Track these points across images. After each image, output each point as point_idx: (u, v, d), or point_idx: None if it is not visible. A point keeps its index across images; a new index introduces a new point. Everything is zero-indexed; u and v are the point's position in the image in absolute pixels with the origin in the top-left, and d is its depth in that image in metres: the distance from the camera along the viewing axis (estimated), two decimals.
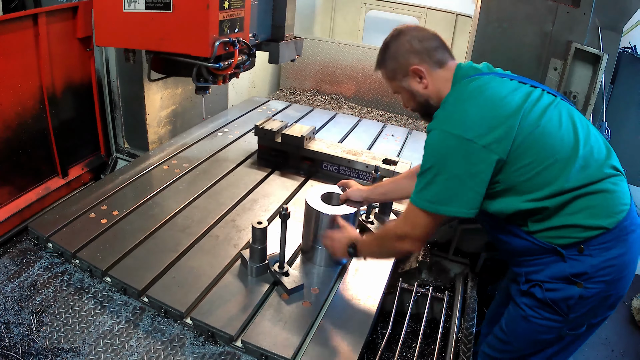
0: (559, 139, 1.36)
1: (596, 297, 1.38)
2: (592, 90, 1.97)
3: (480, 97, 1.38)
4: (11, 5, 3.25)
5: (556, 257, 1.39)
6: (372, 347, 2.13)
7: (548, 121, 1.37)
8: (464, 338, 2.00)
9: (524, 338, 1.51)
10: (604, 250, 1.35)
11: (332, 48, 4.83)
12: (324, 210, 1.93)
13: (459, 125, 1.33)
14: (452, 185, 1.35)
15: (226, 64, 2.16)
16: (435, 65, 1.50)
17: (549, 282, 1.41)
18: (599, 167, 1.38)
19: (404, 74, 1.54)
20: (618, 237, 1.36)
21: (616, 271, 1.37)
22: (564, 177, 1.34)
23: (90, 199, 2.38)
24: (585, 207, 1.35)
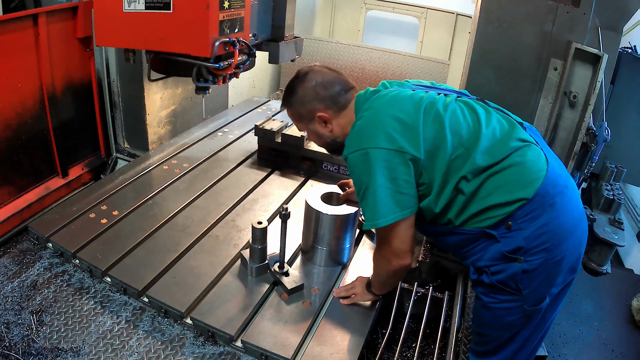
0: (465, 128, 1.43)
1: (543, 266, 1.39)
2: (592, 90, 1.97)
3: (380, 112, 1.47)
4: (11, 5, 3.25)
5: (490, 240, 1.42)
6: (372, 347, 2.13)
7: (452, 115, 1.45)
8: (463, 338, 2.00)
9: (493, 325, 1.53)
10: (532, 220, 1.36)
11: (332, 48, 4.83)
12: (324, 210, 1.93)
13: (368, 141, 1.43)
14: (382, 195, 1.41)
15: (226, 64, 2.16)
16: (340, 109, 1.62)
17: (492, 264, 1.43)
18: (503, 144, 1.41)
19: (310, 118, 1.65)
20: (543, 204, 1.36)
21: (553, 236, 1.37)
22: (470, 163, 1.39)
23: (90, 199, 2.38)
24: (497, 186, 1.38)
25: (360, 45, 4.84)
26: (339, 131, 1.64)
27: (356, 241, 2.21)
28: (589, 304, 2.79)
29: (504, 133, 1.43)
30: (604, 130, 2.12)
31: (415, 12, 5.07)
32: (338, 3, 5.48)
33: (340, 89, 1.62)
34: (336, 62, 4.85)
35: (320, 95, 1.60)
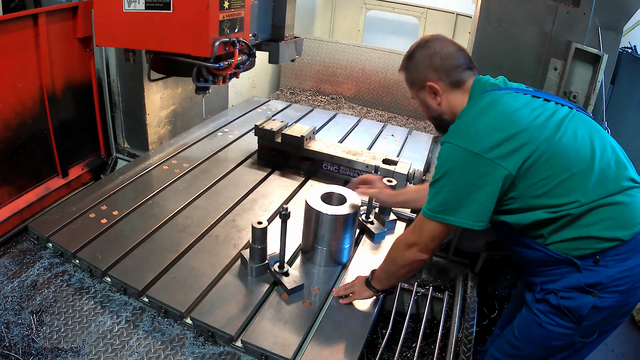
0: (574, 152, 1.36)
1: (611, 307, 1.38)
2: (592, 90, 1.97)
3: (490, 112, 1.40)
4: (11, 5, 3.25)
5: (571, 268, 1.39)
6: (372, 347, 2.13)
7: (563, 135, 1.37)
8: (464, 338, 2.00)
9: (536, 344, 1.51)
10: (620, 262, 1.35)
11: (332, 48, 4.83)
12: (324, 210, 1.93)
13: (467, 139, 1.37)
14: (457, 196, 1.38)
15: (226, 64, 2.16)
16: (452, 85, 1.53)
17: (565, 291, 1.41)
18: (616, 180, 1.37)
19: (420, 86, 1.58)
20: (634, 249, 1.35)
21: (632, 281, 1.36)
22: (580, 190, 1.34)
23: (90, 199, 2.38)
24: (601, 219, 1.35)
25: (360, 45, 4.84)
26: (447, 108, 1.56)
27: (356, 241, 2.21)
28: None
29: (619, 169, 1.40)
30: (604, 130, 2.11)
31: (415, 12, 5.07)
32: (338, 3, 5.48)
33: (458, 65, 1.53)
34: (336, 62, 4.85)
35: (435, 65, 1.53)
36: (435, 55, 1.53)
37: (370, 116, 4.59)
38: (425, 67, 1.54)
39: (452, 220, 1.40)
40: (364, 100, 4.87)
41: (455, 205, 1.39)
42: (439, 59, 1.52)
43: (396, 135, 3.55)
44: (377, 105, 4.84)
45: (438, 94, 1.55)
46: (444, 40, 1.56)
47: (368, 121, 3.90)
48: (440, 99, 1.55)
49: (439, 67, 1.53)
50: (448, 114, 1.57)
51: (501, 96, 1.44)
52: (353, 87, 4.89)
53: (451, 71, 1.52)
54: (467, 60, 1.55)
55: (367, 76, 4.78)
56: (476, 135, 1.36)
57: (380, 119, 4.57)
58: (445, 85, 1.53)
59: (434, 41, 1.56)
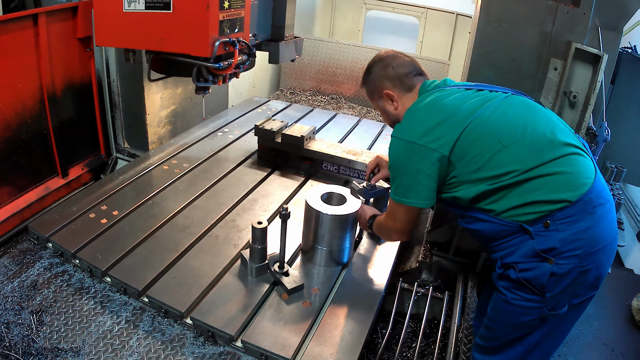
0: (504, 127, 1.49)
1: (571, 273, 1.40)
2: (592, 90, 1.97)
3: (423, 105, 1.60)
4: (11, 5, 3.25)
5: (525, 236, 1.43)
6: (372, 347, 2.13)
7: (491, 114, 1.51)
8: (464, 338, 2.00)
9: (507, 321, 1.54)
10: (571, 224, 1.38)
11: (332, 48, 4.83)
12: (324, 210, 1.93)
13: (403, 131, 1.57)
14: (405, 181, 1.57)
15: (226, 64, 2.16)
16: (406, 90, 1.73)
17: (522, 262, 1.45)
18: (552, 147, 1.44)
19: (379, 95, 1.78)
20: (584, 210, 1.39)
21: (587, 245, 1.39)
22: (514, 159, 1.44)
23: (90, 199, 2.38)
24: (543, 184, 1.41)
25: (360, 45, 4.84)
26: (402, 110, 1.72)
27: (356, 241, 2.21)
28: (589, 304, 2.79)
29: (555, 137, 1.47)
30: (604, 130, 2.12)
31: (415, 12, 5.07)
32: (338, 3, 5.48)
33: (409, 72, 1.73)
34: (336, 62, 4.85)
35: (389, 75, 1.73)
36: (389, 67, 1.74)
37: (370, 116, 4.59)
38: (381, 77, 1.75)
39: (408, 202, 1.59)
40: (364, 100, 4.87)
41: (406, 188, 1.58)
42: (392, 68, 1.74)
43: None
44: None
45: (394, 99, 1.74)
46: (396, 54, 1.78)
47: (368, 121, 3.90)
48: (397, 104, 1.74)
49: (392, 76, 1.73)
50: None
51: (434, 93, 1.64)
52: (353, 87, 4.89)
53: (403, 78, 1.73)
54: (416, 68, 1.76)
55: None
56: (409, 126, 1.57)
57: (380, 119, 4.57)
58: (399, 91, 1.74)
59: (387, 56, 1.77)
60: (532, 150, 1.44)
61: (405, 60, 1.76)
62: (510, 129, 1.49)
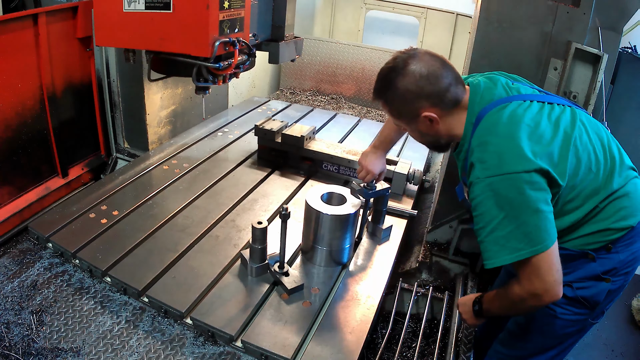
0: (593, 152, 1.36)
1: (621, 288, 1.45)
2: (592, 90, 1.97)
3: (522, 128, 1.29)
4: (11, 5, 3.25)
5: (586, 260, 1.42)
6: (372, 347, 2.13)
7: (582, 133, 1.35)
8: (464, 338, 2.00)
9: (551, 334, 1.53)
10: (629, 245, 1.40)
11: (332, 48, 4.83)
12: (324, 210, 1.93)
13: (517, 162, 1.23)
14: (535, 220, 1.23)
15: (226, 64, 2.16)
16: (449, 106, 1.38)
17: (580, 281, 1.43)
18: (621, 171, 1.40)
19: (412, 116, 1.41)
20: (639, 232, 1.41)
21: (635, 262, 1.43)
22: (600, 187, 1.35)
23: (90, 199, 2.38)
24: (615, 211, 1.37)
25: (360, 45, 4.83)
26: (445, 131, 1.42)
27: (356, 241, 2.21)
28: None
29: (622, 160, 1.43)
30: None
31: (415, 12, 5.07)
32: (338, 3, 5.47)
33: (449, 83, 1.35)
34: (336, 62, 4.85)
35: (426, 92, 1.34)
36: (423, 80, 1.34)
37: (370, 116, 4.58)
38: (415, 96, 1.36)
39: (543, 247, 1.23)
40: (364, 100, 4.87)
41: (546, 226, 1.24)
42: (428, 83, 1.34)
43: None
44: (377, 105, 4.79)
45: (435, 121, 1.38)
46: (423, 58, 1.36)
47: (368, 121, 3.90)
48: (438, 125, 1.40)
49: (430, 93, 1.35)
50: (445, 137, 1.46)
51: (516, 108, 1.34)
52: (353, 87, 4.89)
53: (444, 93, 1.36)
54: (454, 73, 1.39)
55: (367, 76, 4.78)
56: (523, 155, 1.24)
57: (380, 119, 4.56)
58: (440, 109, 1.37)
59: (414, 62, 1.35)
60: (610, 176, 1.36)
61: (439, 65, 1.35)
62: (597, 153, 1.36)
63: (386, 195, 2.18)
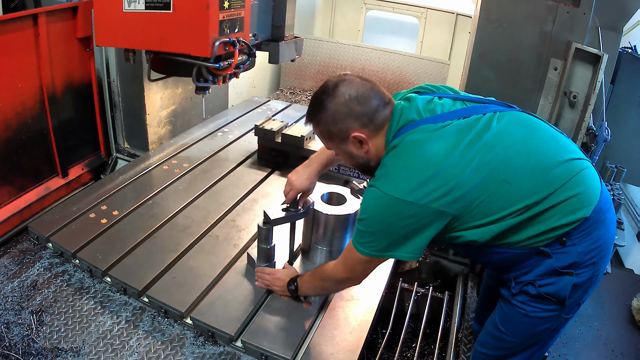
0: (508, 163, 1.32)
1: (589, 280, 1.41)
2: (592, 90, 1.97)
3: (407, 152, 1.33)
4: (11, 5, 3.25)
5: (541, 257, 1.39)
6: (372, 347, 2.13)
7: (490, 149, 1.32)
8: (464, 338, 2.00)
9: (525, 333, 1.51)
10: (586, 236, 1.36)
11: (332, 48, 4.83)
12: (324, 210, 1.93)
13: (391, 187, 1.30)
14: (387, 241, 1.34)
15: (226, 64, 2.16)
16: (377, 127, 1.41)
17: (541, 279, 1.41)
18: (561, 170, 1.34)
19: (342, 138, 1.43)
20: (596, 220, 1.36)
21: (601, 251, 1.39)
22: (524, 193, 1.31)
23: (90, 199, 2.38)
24: (559, 210, 1.33)
25: (360, 45, 4.84)
26: (374, 152, 1.44)
27: None
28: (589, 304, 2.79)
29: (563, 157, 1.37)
30: (604, 130, 2.12)
31: (415, 12, 5.07)
32: (338, 3, 5.48)
33: (378, 104, 1.39)
34: (336, 62, 4.85)
35: (355, 112, 1.38)
36: (353, 101, 1.37)
37: None
38: (344, 116, 1.38)
39: (389, 255, 1.37)
40: None
41: (392, 245, 1.34)
42: (358, 104, 1.37)
43: None
44: None
45: (364, 142, 1.41)
46: (354, 81, 1.41)
47: None
48: (367, 146, 1.42)
49: (359, 114, 1.38)
50: (375, 159, 1.46)
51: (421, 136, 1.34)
52: None
53: (373, 114, 1.39)
54: (383, 97, 1.42)
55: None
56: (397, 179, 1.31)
57: None
58: (369, 131, 1.40)
59: (344, 85, 1.39)
60: (541, 179, 1.32)
61: (369, 87, 1.40)
62: (515, 162, 1.32)
63: None
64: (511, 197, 1.31)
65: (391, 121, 1.41)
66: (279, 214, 1.82)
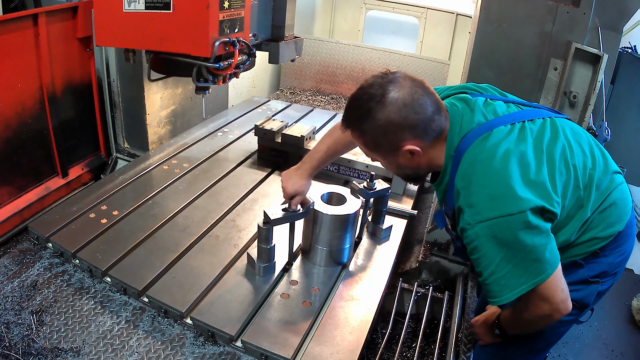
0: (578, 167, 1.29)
1: (610, 287, 1.46)
2: (592, 90, 1.97)
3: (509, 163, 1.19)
4: (11, 5, 3.25)
5: (575, 267, 1.41)
6: (372, 347, 2.13)
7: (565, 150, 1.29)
8: (464, 338, 2.00)
9: (543, 335, 1.53)
10: (616, 248, 1.41)
11: (332, 48, 4.83)
12: (324, 210, 1.93)
13: (508, 203, 1.15)
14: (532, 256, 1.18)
15: (226, 64, 2.16)
16: (434, 137, 1.26)
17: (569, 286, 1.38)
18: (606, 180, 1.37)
19: (391, 149, 1.27)
20: (627, 234, 1.43)
21: (625, 261, 1.45)
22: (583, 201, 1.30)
23: (90, 199, 2.38)
24: (602, 220, 1.36)
25: (360, 45, 4.84)
26: (426, 163, 1.32)
27: (356, 241, 2.21)
28: None
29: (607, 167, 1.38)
30: (604, 130, 2.12)
31: (415, 12, 5.07)
32: (338, 3, 5.48)
33: (433, 111, 1.23)
34: (336, 62, 4.85)
35: (409, 123, 1.21)
36: (406, 110, 1.20)
37: None
38: (396, 128, 1.22)
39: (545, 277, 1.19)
40: None
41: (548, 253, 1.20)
42: (413, 113, 1.20)
43: None
44: None
45: (417, 154, 1.26)
46: (403, 84, 1.23)
47: None
48: (420, 158, 1.28)
49: (414, 124, 1.21)
50: (425, 169, 1.37)
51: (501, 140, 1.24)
52: (353, 87, 4.81)
53: (430, 124, 1.23)
54: (435, 98, 1.26)
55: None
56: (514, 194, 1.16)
57: None
58: (423, 141, 1.25)
59: (392, 90, 1.22)
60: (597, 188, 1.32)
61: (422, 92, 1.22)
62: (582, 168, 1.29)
63: (386, 195, 2.18)
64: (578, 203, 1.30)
65: (452, 127, 1.28)
66: (279, 214, 1.82)
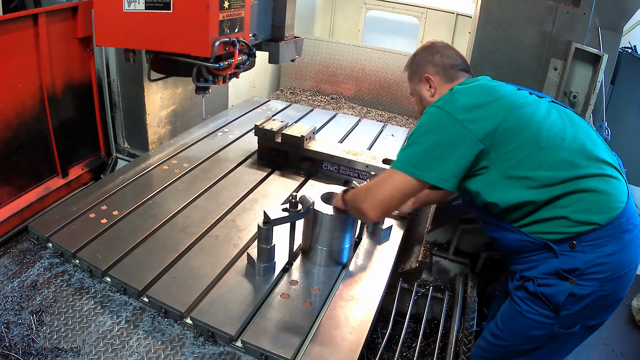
0: (545, 129, 1.42)
1: (590, 295, 1.38)
2: (592, 90, 1.97)
3: (469, 86, 1.55)
4: (11, 5, 3.25)
5: (549, 254, 1.41)
6: (372, 347, 2.13)
7: (535, 112, 1.45)
8: (464, 338, 2.00)
9: (517, 333, 1.52)
10: (597, 247, 1.36)
11: (332, 48, 4.83)
12: (324, 210, 1.93)
13: (445, 103, 1.49)
14: (433, 152, 1.44)
15: (226, 64, 2.16)
16: (447, 80, 1.70)
17: (542, 277, 1.42)
18: (589, 161, 1.40)
19: (419, 78, 1.76)
20: (612, 235, 1.36)
21: (611, 269, 1.36)
22: (549, 164, 1.39)
23: (90, 199, 2.38)
24: (575, 201, 1.37)
25: (360, 45, 4.84)
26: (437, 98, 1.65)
27: (356, 241, 2.21)
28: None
29: (594, 154, 1.42)
30: (604, 130, 2.12)
31: (415, 12, 5.07)
32: (338, 3, 5.48)
33: (455, 64, 1.70)
34: (336, 62, 4.85)
35: (435, 61, 1.71)
36: (437, 54, 1.72)
37: (370, 116, 4.59)
38: (426, 62, 1.73)
39: (428, 176, 1.43)
40: (364, 100, 4.87)
41: (431, 159, 1.43)
42: (440, 56, 1.71)
43: (396, 135, 3.55)
44: (377, 105, 4.84)
45: (432, 85, 1.71)
46: (448, 46, 1.77)
47: (368, 121, 3.89)
48: (434, 90, 1.71)
49: (437, 63, 1.71)
50: None
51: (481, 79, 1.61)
52: (353, 87, 4.89)
53: (448, 68, 1.70)
54: (464, 64, 1.73)
55: (367, 76, 4.78)
56: (452, 99, 1.49)
57: (380, 119, 4.57)
58: (440, 78, 1.70)
59: (438, 44, 1.75)
60: (568, 159, 1.39)
61: (456, 53, 1.74)
62: (551, 132, 1.42)
63: None
64: (536, 161, 1.40)
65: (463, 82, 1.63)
66: (279, 214, 1.82)
